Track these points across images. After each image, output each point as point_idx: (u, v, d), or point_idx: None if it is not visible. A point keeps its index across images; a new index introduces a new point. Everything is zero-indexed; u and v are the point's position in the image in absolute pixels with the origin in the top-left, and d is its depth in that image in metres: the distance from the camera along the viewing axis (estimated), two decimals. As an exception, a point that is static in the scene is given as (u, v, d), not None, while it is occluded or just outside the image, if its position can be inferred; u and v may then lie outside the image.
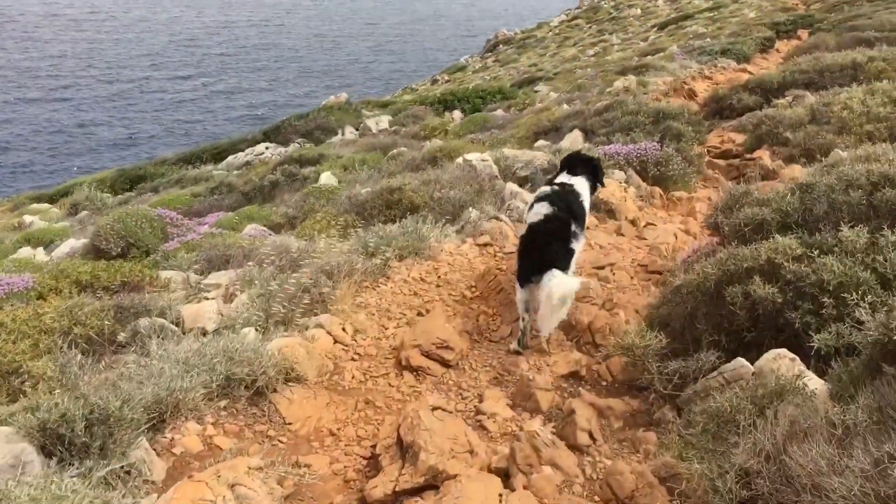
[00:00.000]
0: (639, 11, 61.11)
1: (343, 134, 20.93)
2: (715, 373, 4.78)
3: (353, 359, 5.75)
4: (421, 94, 46.07)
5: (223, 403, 4.83)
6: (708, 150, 12.43)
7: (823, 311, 4.67)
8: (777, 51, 28.03)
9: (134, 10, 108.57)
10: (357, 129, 21.32)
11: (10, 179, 42.13)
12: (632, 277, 7.30)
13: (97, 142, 51.48)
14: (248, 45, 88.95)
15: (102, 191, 17.79)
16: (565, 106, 17.04)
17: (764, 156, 11.20)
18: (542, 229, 5.91)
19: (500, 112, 18.60)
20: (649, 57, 30.37)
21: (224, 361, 4.88)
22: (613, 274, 7.29)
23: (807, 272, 4.81)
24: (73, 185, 19.87)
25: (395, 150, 14.16)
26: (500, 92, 21.63)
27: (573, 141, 11.43)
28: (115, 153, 47.03)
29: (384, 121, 21.16)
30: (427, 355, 5.68)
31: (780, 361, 4.58)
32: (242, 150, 21.07)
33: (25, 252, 10.06)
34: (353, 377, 5.51)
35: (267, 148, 20.68)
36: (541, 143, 12.37)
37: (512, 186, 8.80)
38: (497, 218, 8.18)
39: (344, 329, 6.00)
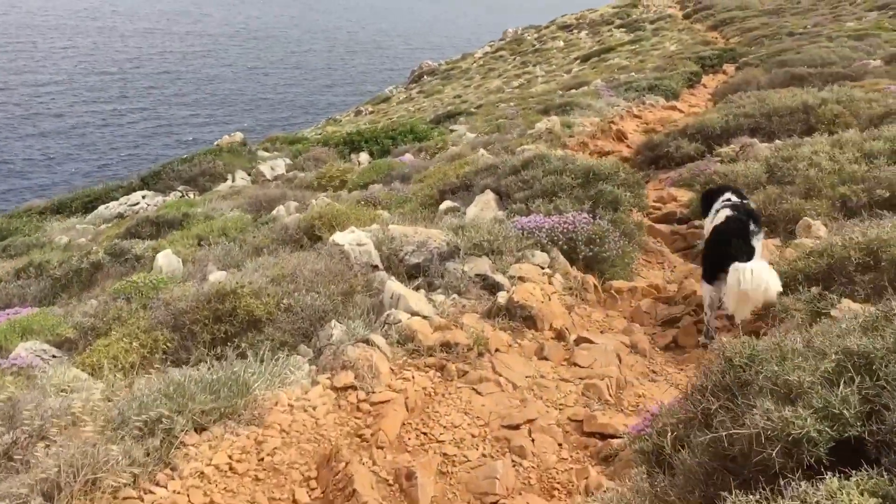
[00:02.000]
0: (562, 44, 59.68)
1: (233, 180, 18.00)
2: None
3: None
4: (327, 133, 43.39)
5: None
6: (646, 212, 10.06)
7: None
8: (704, 86, 26.33)
9: (57, 41, 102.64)
10: (250, 175, 18.44)
11: None
12: (560, 445, 4.73)
13: (9, 175, 46.85)
14: (178, 76, 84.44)
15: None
16: (482, 151, 14.56)
17: (719, 225, 8.83)
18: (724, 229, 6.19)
19: (409, 157, 16.04)
20: (573, 91, 28.44)
21: None
22: (532, 440, 4.72)
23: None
24: None
25: (272, 212, 11.41)
26: (412, 132, 19.02)
27: (485, 205, 8.90)
28: (24, 193, 42.36)
29: (280, 165, 18.30)
30: None
31: None
32: (116, 199, 17.97)
33: None
34: None
35: (144, 197, 17.62)
36: (447, 204, 9.81)
37: (394, 287, 6.17)
38: (367, 341, 5.53)
39: None
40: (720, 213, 6.46)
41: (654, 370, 5.91)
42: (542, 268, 7.18)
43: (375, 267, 6.89)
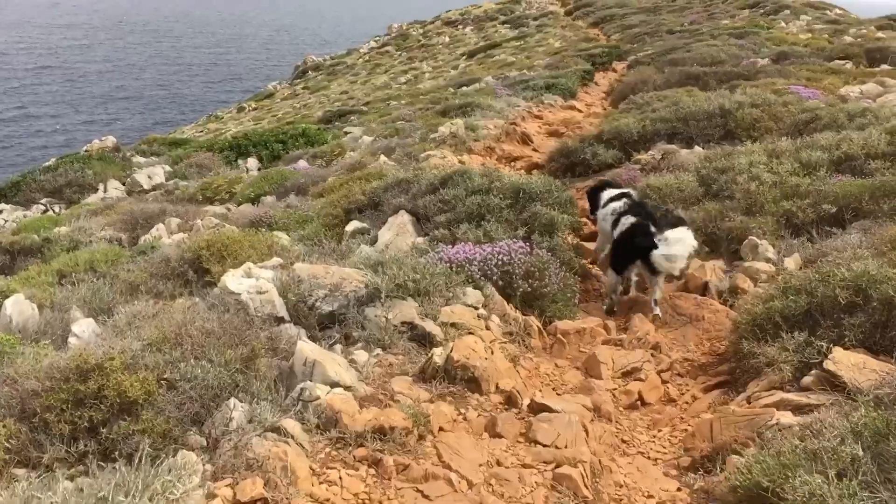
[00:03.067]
0: (447, 39, 58.93)
1: (105, 191, 16.01)
2: None
3: None
4: (209, 131, 41.06)
5: None
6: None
7: None
8: (597, 84, 25.94)
9: None
10: (124, 185, 16.47)
11: None
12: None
13: None
14: (49, 72, 78.24)
15: None
16: (383, 159, 13.34)
17: (656, 245, 7.96)
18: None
19: (303, 163, 14.60)
20: (465, 88, 27.60)
21: None
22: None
23: None
24: None
25: (151, 232, 9.84)
26: (303, 135, 17.44)
27: (400, 229, 7.71)
28: None
29: (159, 173, 16.43)
30: None
31: None
32: (-32, 214, 15.67)
33: None
34: None
35: (1, 212, 15.41)
36: (354, 225, 8.57)
37: (307, 351, 4.91)
38: (278, 430, 4.27)
39: None
40: (624, 220, 6.99)
41: (624, 439, 4.91)
42: (476, 308, 6.07)
43: (281, 319, 5.60)
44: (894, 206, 7.10)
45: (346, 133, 18.10)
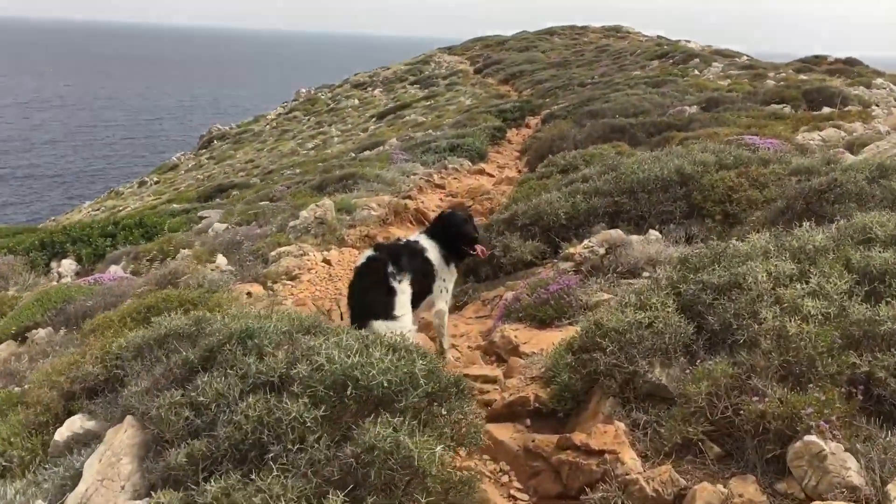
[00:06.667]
0: (356, 102, 55.35)
1: None
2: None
3: None
4: (107, 208, 36.56)
5: None
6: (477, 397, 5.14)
7: None
8: (509, 141, 22.48)
9: None
10: None
11: None
12: None
13: None
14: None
15: None
16: (220, 262, 9.27)
17: (621, 448, 4.06)
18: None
19: (115, 270, 10.35)
20: (367, 152, 23.98)
21: None
22: None
23: None
24: None
25: None
26: (141, 225, 13.16)
27: (110, 465, 3.63)
28: None
29: (-72, 290, 12.04)
30: None
31: None
32: None
33: None
34: None
35: None
36: (73, 427, 4.50)
37: None
38: None
39: None
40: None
41: None
42: None
43: None
44: None
45: (202, 218, 13.98)
